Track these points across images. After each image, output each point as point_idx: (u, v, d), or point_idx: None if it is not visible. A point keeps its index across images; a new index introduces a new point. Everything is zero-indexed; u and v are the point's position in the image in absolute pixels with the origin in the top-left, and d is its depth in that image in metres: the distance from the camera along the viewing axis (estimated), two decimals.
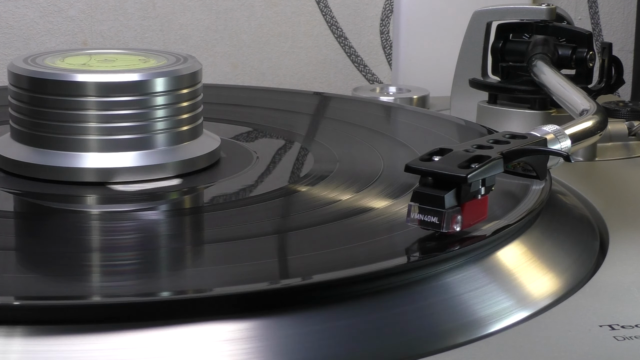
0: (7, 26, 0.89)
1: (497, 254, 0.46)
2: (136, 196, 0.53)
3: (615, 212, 0.55)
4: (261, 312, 0.39)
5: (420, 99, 0.80)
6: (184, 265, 0.45)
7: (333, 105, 0.75)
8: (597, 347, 0.40)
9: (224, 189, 0.56)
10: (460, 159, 0.44)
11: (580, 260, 0.49)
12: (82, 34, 0.91)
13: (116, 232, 0.48)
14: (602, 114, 0.56)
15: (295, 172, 0.59)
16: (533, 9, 0.72)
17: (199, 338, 0.38)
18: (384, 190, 0.53)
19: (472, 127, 0.67)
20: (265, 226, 0.49)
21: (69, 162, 0.54)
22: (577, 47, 0.70)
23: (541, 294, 0.45)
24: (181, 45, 0.93)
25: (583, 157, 0.66)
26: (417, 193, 0.43)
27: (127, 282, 0.42)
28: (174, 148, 0.56)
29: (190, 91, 0.57)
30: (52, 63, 0.56)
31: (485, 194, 0.44)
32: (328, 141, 0.63)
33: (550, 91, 0.66)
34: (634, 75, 1.00)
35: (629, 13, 1.03)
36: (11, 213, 0.53)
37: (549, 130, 0.50)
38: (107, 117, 0.54)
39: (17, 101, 0.55)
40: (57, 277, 0.42)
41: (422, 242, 0.44)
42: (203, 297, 0.40)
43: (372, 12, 0.98)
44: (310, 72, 0.97)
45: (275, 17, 0.95)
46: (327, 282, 0.41)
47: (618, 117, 0.70)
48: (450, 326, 0.42)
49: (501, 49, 0.72)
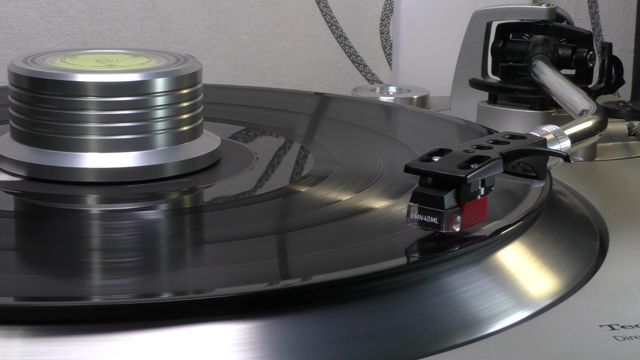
0: (7, 26, 0.89)
1: (497, 254, 0.46)
2: (136, 196, 0.53)
3: (615, 212, 0.55)
4: (261, 312, 0.39)
5: (420, 99, 0.80)
6: (184, 266, 0.45)
7: (333, 105, 0.75)
8: (597, 347, 0.40)
9: (224, 189, 0.56)
10: (460, 160, 0.44)
11: (580, 260, 0.49)
12: (82, 34, 0.91)
13: (116, 232, 0.48)
14: (602, 114, 0.56)
15: (295, 172, 0.59)
16: (533, 9, 0.72)
17: (198, 338, 0.38)
18: (384, 191, 0.53)
19: (472, 127, 0.67)
20: (265, 226, 0.49)
21: (69, 162, 0.54)
22: (577, 47, 0.70)
23: (541, 294, 0.45)
24: (181, 45, 0.93)
25: (583, 157, 0.66)
26: (416, 193, 0.43)
27: (127, 283, 0.42)
28: (174, 148, 0.56)
29: (190, 91, 0.57)
30: (52, 63, 0.56)
31: (484, 194, 0.44)
32: (328, 141, 0.63)
33: (550, 91, 0.66)
34: (634, 75, 1.00)
35: (629, 13, 1.03)
36: (11, 213, 0.52)
37: (549, 130, 0.50)
38: (107, 117, 0.54)
39: (17, 101, 0.55)
40: (57, 277, 0.42)
41: (422, 243, 0.44)
42: (203, 298, 0.40)
43: (372, 12, 0.98)
44: (310, 72, 0.97)
45: (275, 17, 0.95)
46: (327, 283, 0.41)
47: (618, 117, 0.69)
48: (450, 326, 0.42)
49: (501, 49, 0.72)
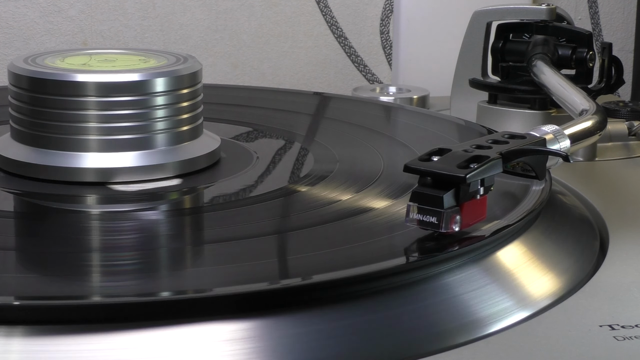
0: (7, 26, 0.89)
1: (497, 254, 0.46)
2: (136, 196, 0.53)
3: (615, 212, 0.55)
4: (261, 312, 0.39)
5: (420, 99, 0.80)
6: (184, 265, 0.45)
7: (333, 105, 0.75)
8: (597, 347, 0.40)
9: (224, 189, 0.56)
10: (459, 159, 0.44)
11: (580, 260, 0.49)
12: (82, 34, 0.91)
13: (116, 232, 0.48)
14: (602, 114, 0.56)
15: (295, 172, 0.59)
16: (533, 9, 0.72)
17: (198, 338, 0.38)
18: (384, 191, 0.53)
19: (472, 127, 0.67)
20: (265, 226, 0.49)
21: (69, 162, 0.54)
22: (577, 47, 0.70)
23: (541, 294, 0.45)
24: (181, 45, 0.93)
25: (583, 157, 0.66)
26: (416, 193, 0.43)
27: (127, 282, 0.42)
28: (174, 148, 0.56)
29: (190, 91, 0.57)
30: (52, 63, 0.56)
31: (484, 194, 0.44)
32: (328, 141, 0.63)
33: (550, 91, 0.66)
34: (634, 75, 1.00)
35: (629, 13, 1.03)
36: (11, 213, 0.53)
37: (548, 130, 0.50)
38: (107, 117, 0.54)
39: (17, 101, 0.55)
40: (57, 277, 0.42)
41: (421, 243, 0.44)
42: (203, 297, 0.40)
43: (372, 12, 0.98)
44: (310, 72, 0.97)
45: (275, 17, 0.95)
46: (327, 282, 0.41)
47: (618, 117, 0.69)
48: (450, 326, 0.42)
49: (501, 49, 0.72)
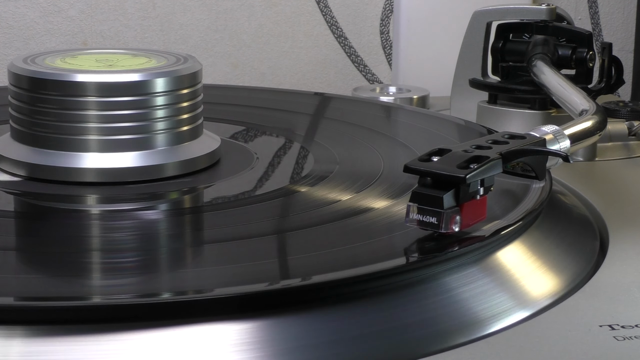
0: (7, 26, 0.89)
1: (497, 254, 0.46)
2: (136, 196, 0.53)
3: (615, 212, 0.55)
4: (261, 312, 0.39)
5: (420, 99, 0.80)
6: (184, 266, 0.45)
7: (333, 105, 0.75)
8: (597, 347, 0.40)
9: (224, 189, 0.56)
10: (459, 160, 0.44)
11: (580, 260, 0.49)
12: (82, 34, 0.91)
13: (116, 232, 0.48)
14: (602, 114, 0.56)
15: (295, 172, 0.59)
16: (533, 9, 0.72)
17: (198, 338, 0.38)
18: (384, 191, 0.53)
19: (472, 127, 0.67)
20: (265, 226, 0.49)
21: (69, 162, 0.54)
22: (577, 47, 0.70)
23: (541, 294, 0.45)
24: (181, 45, 0.93)
25: (583, 157, 0.66)
26: (415, 193, 0.43)
27: (127, 283, 0.42)
28: (174, 148, 0.56)
29: (190, 91, 0.57)
30: (52, 63, 0.56)
31: (484, 194, 0.44)
32: (328, 141, 0.63)
33: (550, 91, 0.66)
34: (634, 75, 1.00)
35: (629, 13, 1.03)
36: (11, 213, 0.52)
37: (548, 130, 0.50)
38: (107, 117, 0.54)
39: (17, 101, 0.55)
40: (57, 277, 0.42)
41: (421, 243, 0.44)
42: (203, 298, 0.40)
43: (372, 12, 0.98)
44: (310, 72, 0.97)
45: (275, 17, 0.95)
46: (327, 283, 0.41)
47: (618, 117, 0.69)
48: (450, 326, 0.42)
49: (501, 49, 0.72)
